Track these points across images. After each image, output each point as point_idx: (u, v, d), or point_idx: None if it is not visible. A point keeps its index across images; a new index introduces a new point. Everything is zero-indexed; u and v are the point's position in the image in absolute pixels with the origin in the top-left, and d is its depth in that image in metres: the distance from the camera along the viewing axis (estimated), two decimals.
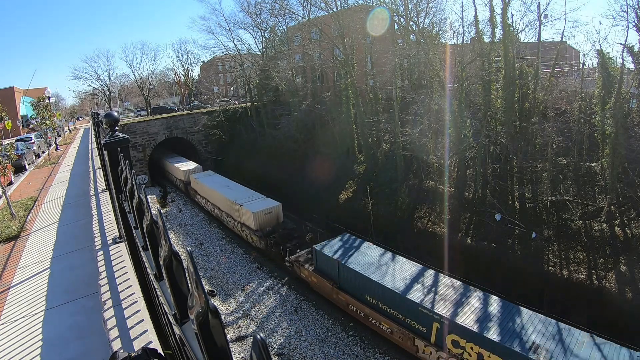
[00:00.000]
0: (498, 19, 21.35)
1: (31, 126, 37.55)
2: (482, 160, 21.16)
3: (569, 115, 20.42)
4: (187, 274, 1.01)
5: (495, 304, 12.59)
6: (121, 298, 4.03)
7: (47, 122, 25.72)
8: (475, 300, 12.86)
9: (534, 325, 11.24)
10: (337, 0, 30.03)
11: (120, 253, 5.38)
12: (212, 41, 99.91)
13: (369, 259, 16.20)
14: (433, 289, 13.75)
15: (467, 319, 11.88)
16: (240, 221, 24.21)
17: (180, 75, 55.62)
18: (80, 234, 7.00)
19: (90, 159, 16.30)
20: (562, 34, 21.12)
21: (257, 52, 41.87)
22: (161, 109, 50.40)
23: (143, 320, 3.38)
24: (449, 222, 20.14)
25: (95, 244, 6.16)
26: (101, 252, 5.64)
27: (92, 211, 8.20)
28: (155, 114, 45.66)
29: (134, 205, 2.24)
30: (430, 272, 14.89)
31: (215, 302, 18.19)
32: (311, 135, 33.54)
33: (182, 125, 40.75)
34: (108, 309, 3.84)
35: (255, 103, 41.82)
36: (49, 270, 5.62)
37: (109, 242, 6.01)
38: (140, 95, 56.08)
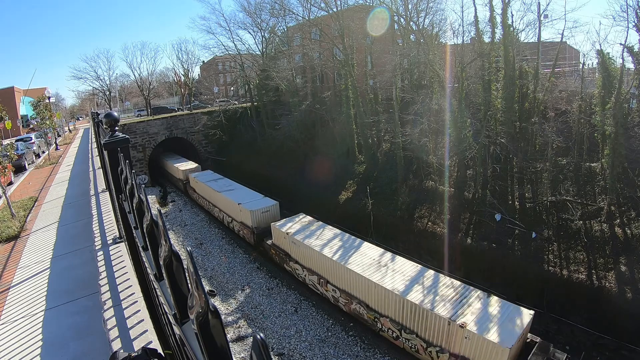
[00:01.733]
0: (498, 19, 21.36)
1: (31, 126, 37.57)
2: (482, 160, 21.15)
3: (569, 115, 20.41)
4: (187, 274, 1.01)
5: None
6: (121, 298, 4.03)
7: (47, 122, 25.74)
8: None
9: None
10: (337, 0, 30.06)
11: (120, 253, 5.38)
12: (212, 41, 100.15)
13: None
14: None
15: None
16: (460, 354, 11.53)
17: (180, 75, 55.64)
18: (80, 234, 7.00)
19: (90, 159, 16.30)
20: (562, 34, 21.12)
21: (257, 52, 41.88)
22: (161, 109, 50.41)
23: (143, 320, 3.37)
24: (449, 222, 20.14)
25: (95, 244, 6.16)
26: (101, 252, 5.63)
27: (92, 211, 8.20)
28: (155, 114, 45.66)
29: (134, 205, 2.24)
30: None
31: (215, 302, 18.18)
32: (311, 135, 33.54)
33: (182, 125, 40.75)
34: (108, 309, 3.84)
35: (255, 103, 41.83)
36: (49, 270, 5.62)
37: (109, 242, 6.01)
38: (140, 95, 56.06)
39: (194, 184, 31.82)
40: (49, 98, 29.63)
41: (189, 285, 0.98)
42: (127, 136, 3.83)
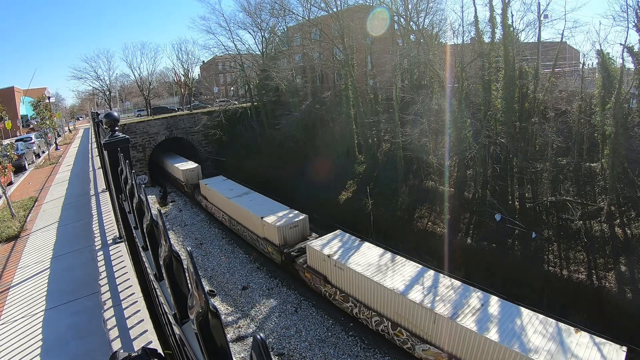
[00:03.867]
0: (498, 19, 21.36)
1: (31, 126, 37.58)
2: (482, 160, 21.15)
3: (569, 116, 20.41)
4: (187, 274, 1.01)
5: None
6: (121, 298, 4.03)
7: (47, 122, 25.72)
8: None
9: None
10: (337, 0, 30.06)
11: (120, 253, 5.37)
12: (212, 41, 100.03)
13: None
14: None
15: None
16: None
17: (180, 75, 55.64)
18: (80, 234, 7.00)
19: (90, 159, 16.30)
20: (562, 34, 21.12)
21: (257, 52, 41.88)
22: (161, 109, 50.42)
23: (143, 320, 3.37)
24: (449, 222, 20.13)
25: (95, 244, 6.15)
26: (101, 252, 5.63)
27: (92, 211, 8.19)
28: (155, 114, 45.67)
29: (134, 205, 2.24)
30: None
31: (215, 302, 18.18)
32: (311, 135, 33.53)
33: (182, 125, 40.75)
34: (108, 309, 3.84)
35: (255, 103, 41.82)
36: (49, 270, 5.62)
37: (109, 242, 6.01)
38: (140, 95, 56.06)
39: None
40: (49, 98, 29.61)
41: (189, 285, 0.98)
42: (127, 136, 3.83)
